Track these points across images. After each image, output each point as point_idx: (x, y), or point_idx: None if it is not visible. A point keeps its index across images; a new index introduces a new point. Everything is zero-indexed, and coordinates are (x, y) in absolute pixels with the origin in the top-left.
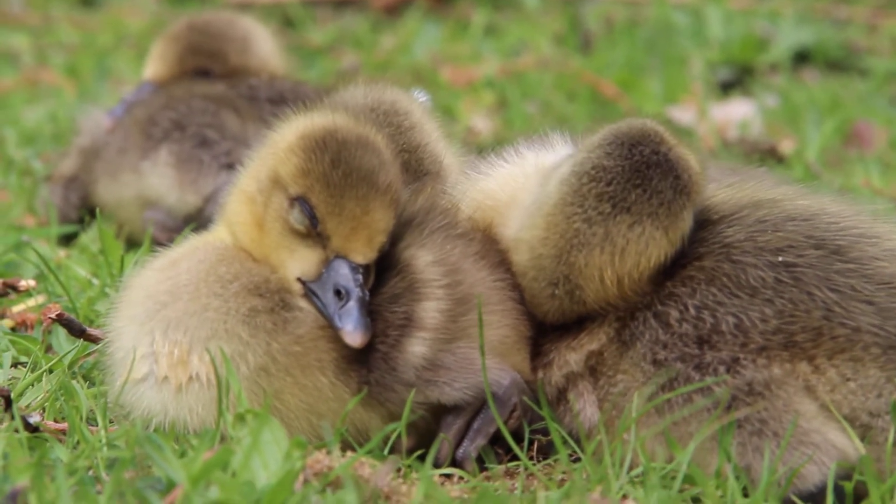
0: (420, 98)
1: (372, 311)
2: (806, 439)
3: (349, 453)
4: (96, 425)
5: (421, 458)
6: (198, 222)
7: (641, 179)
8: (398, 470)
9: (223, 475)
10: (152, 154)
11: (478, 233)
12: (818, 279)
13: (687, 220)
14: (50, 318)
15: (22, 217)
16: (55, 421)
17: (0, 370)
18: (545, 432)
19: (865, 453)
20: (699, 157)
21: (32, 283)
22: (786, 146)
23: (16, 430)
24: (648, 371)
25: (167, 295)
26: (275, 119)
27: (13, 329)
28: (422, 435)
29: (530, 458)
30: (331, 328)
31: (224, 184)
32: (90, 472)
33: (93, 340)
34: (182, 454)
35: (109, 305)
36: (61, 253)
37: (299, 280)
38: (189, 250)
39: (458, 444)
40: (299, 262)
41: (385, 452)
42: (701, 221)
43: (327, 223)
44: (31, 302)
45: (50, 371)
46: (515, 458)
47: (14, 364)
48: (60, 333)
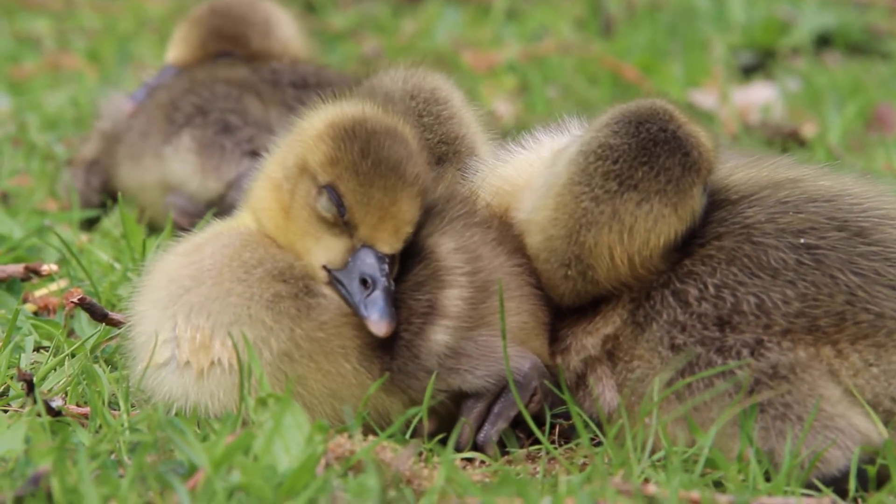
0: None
1: (396, 300)
2: (830, 423)
3: (371, 437)
4: (118, 409)
5: (442, 443)
6: (219, 208)
7: (648, 157)
8: (420, 454)
9: (245, 459)
10: (174, 139)
11: (495, 219)
12: (841, 262)
13: (697, 198)
14: (72, 303)
15: (44, 202)
16: (77, 405)
17: (23, 354)
18: (566, 416)
19: (889, 438)
20: (712, 135)
21: (55, 268)
22: (807, 130)
23: (38, 415)
24: (666, 357)
25: (190, 279)
26: (298, 104)
27: (35, 313)
28: (443, 419)
29: (551, 443)
30: (354, 315)
31: (246, 170)
32: (112, 456)
33: (115, 325)
34: (204, 438)
35: (131, 290)
36: (83, 237)
37: (324, 268)
38: (213, 235)
39: (480, 428)
40: (325, 250)
41: (406, 437)
42: (720, 201)
43: (355, 212)
44: (54, 286)
45: (72, 355)
46: (536, 443)
47: (36, 348)
48: (83, 318)
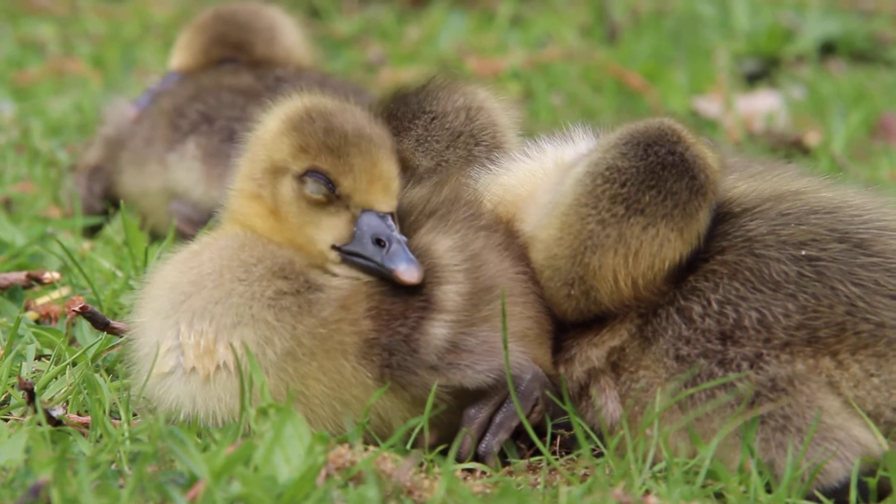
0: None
1: (393, 297)
2: (829, 435)
3: (371, 448)
4: (119, 419)
5: (443, 453)
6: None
7: (656, 181)
8: (420, 465)
9: (245, 470)
10: (179, 147)
11: (501, 225)
12: (841, 273)
13: (703, 221)
14: (74, 311)
15: (47, 208)
16: (78, 414)
17: (24, 363)
18: (567, 427)
19: (889, 449)
20: (718, 155)
21: (57, 276)
22: (812, 138)
23: (39, 424)
24: (671, 366)
25: (191, 285)
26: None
27: (37, 321)
28: (444, 429)
29: (553, 453)
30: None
31: None
32: (113, 466)
33: (117, 333)
34: (204, 448)
35: (133, 298)
36: (86, 245)
37: (334, 248)
38: (209, 241)
39: (481, 439)
40: (328, 231)
41: (407, 447)
42: (723, 214)
43: (343, 183)
44: (56, 294)
45: (73, 364)
46: (538, 453)
47: (38, 357)
48: (84, 326)
